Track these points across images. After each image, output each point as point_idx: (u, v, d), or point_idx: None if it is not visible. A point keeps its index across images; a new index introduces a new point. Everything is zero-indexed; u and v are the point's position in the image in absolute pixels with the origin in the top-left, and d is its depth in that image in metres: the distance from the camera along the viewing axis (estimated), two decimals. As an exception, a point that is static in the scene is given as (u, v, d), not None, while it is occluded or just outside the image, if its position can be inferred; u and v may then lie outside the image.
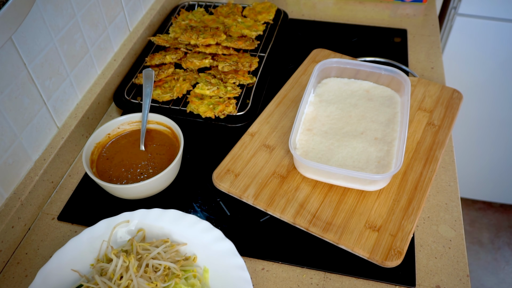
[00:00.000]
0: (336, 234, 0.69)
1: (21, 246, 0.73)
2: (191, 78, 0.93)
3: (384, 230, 0.69)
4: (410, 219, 0.70)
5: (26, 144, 0.75)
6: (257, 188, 0.75)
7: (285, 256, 0.70)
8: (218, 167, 0.79)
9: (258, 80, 0.94)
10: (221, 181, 0.77)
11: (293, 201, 0.73)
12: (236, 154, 0.81)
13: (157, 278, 0.61)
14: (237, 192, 0.75)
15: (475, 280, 1.75)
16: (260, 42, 1.04)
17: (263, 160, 0.80)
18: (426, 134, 0.83)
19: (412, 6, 1.22)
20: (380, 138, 0.79)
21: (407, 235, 0.68)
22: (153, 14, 1.10)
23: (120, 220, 0.68)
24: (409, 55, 1.06)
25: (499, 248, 1.85)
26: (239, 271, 0.63)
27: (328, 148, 0.78)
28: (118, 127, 0.83)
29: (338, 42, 1.10)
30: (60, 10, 0.79)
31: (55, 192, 0.81)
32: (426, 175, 0.76)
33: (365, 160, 0.76)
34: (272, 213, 0.73)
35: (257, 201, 0.74)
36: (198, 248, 0.67)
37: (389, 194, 0.74)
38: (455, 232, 0.72)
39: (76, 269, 0.64)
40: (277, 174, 0.77)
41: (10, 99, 0.70)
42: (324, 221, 0.70)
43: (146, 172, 0.77)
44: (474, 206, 1.99)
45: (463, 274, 0.67)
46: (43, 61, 0.76)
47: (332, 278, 0.68)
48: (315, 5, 1.24)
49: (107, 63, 0.97)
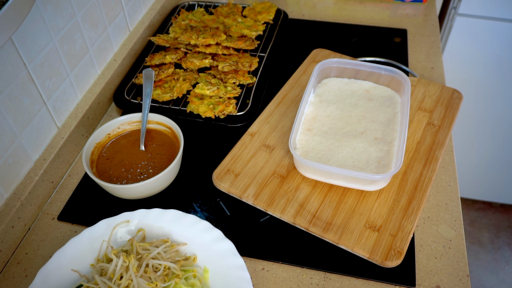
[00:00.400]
0: (336, 234, 0.69)
1: (21, 246, 0.73)
2: (191, 78, 0.93)
3: (384, 230, 0.69)
4: (410, 219, 0.70)
5: (26, 144, 0.75)
6: (257, 188, 0.75)
7: (285, 256, 0.70)
8: (218, 167, 0.79)
9: (258, 80, 0.94)
10: (221, 181, 0.77)
11: (293, 201, 0.73)
12: (236, 154, 0.81)
13: (157, 278, 0.61)
14: (237, 192, 0.75)
15: (475, 280, 1.75)
16: (260, 42, 1.04)
17: (263, 160, 0.80)
18: (426, 134, 0.83)
19: (412, 6, 1.22)
20: (380, 138, 0.79)
21: (407, 235, 0.68)
22: (153, 14, 1.10)
23: (120, 220, 0.68)
24: (409, 55, 1.06)
25: (499, 248, 1.85)
26: (239, 271, 0.63)
27: (328, 148, 0.78)
28: (118, 127, 0.83)
29: (338, 42, 1.10)
30: (60, 10, 0.79)
31: (55, 192, 0.81)
32: (426, 175, 0.76)
33: (365, 160, 0.76)
34: (272, 213, 0.73)
35: (257, 201, 0.74)
36: (198, 248, 0.67)
37: (389, 194, 0.74)
38: (455, 232, 0.72)
39: (76, 269, 0.64)
40: (277, 174, 0.77)
41: (10, 99, 0.70)
42: (324, 221, 0.71)
43: (146, 172, 0.77)
44: (474, 206, 1.99)
45: (463, 274, 0.67)
46: (43, 61, 0.76)
47: (332, 278, 0.68)
48: (315, 5, 1.24)
49: (107, 63, 0.97)
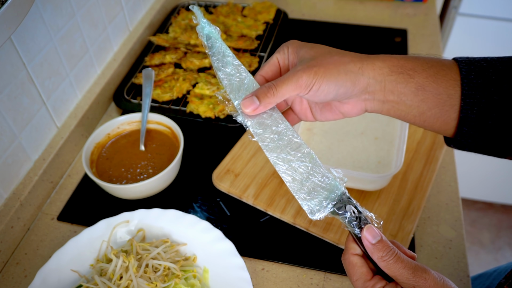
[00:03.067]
0: (336, 234, 0.69)
1: (21, 246, 0.73)
2: (191, 78, 0.93)
3: (385, 230, 0.69)
4: (410, 219, 0.70)
5: (25, 144, 0.75)
6: (257, 188, 0.75)
7: (285, 256, 0.70)
8: (218, 167, 0.79)
9: (258, 80, 0.94)
10: (221, 181, 0.77)
11: (293, 201, 0.73)
12: (236, 154, 0.81)
13: (157, 278, 0.61)
14: (237, 192, 0.75)
15: (476, 280, 1.75)
16: (260, 41, 1.04)
17: (263, 160, 0.80)
18: (426, 134, 0.83)
19: (412, 5, 1.22)
20: (381, 137, 0.79)
21: (407, 235, 0.68)
22: (153, 14, 1.10)
23: (120, 220, 0.68)
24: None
25: (499, 248, 1.85)
26: (239, 271, 0.62)
27: (328, 148, 0.78)
28: (118, 127, 0.83)
29: (338, 42, 1.10)
30: (60, 9, 0.79)
31: (55, 192, 0.80)
32: (427, 175, 0.76)
33: (365, 160, 0.76)
34: (272, 213, 0.73)
35: (257, 201, 0.74)
36: (198, 248, 0.67)
37: (390, 194, 0.74)
38: (455, 232, 0.72)
39: (76, 269, 0.64)
40: (277, 174, 0.77)
41: (9, 99, 0.70)
42: (324, 221, 0.70)
43: (146, 172, 0.77)
44: (474, 206, 1.99)
45: (464, 275, 0.67)
46: (43, 60, 0.76)
47: (332, 278, 0.67)
48: (315, 5, 1.24)
49: (107, 63, 0.97)
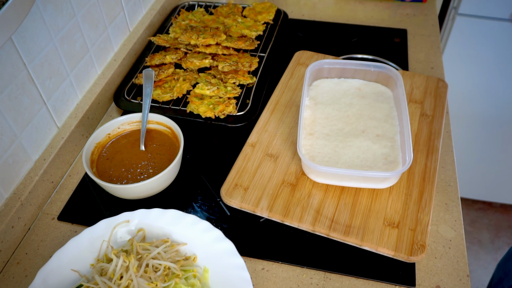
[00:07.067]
0: (358, 236, 0.68)
1: (21, 246, 0.73)
2: (191, 78, 0.93)
3: (403, 226, 0.69)
4: (425, 211, 0.70)
5: (26, 144, 0.75)
6: (269, 200, 0.73)
7: (285, 256, 0.70)
8: (225, 182, 0.76)
9: (258, 80, 0.94)
10: (231, 197, 0.74)
11: (309, 208, 0.71)
12: (240, 167, 0.78)
13: (157, 278, 0.61)
14: (250, 206, 0.72)
15: (475, 280, 1.75)
16: (260, 42, 1.04)
17: (269, 170, 0.77)
18: (422, 125, 0.83)
19: (412, 6, 1.22)
20: (382, 134, 0.79)
21: (426, 228, 0.68)
22: (153, 14, 1.10)
23: (120, 220, 0.68)
24: (409, 55, 1.06)
25: (499, 248, 1.85)
26: (239, 271, 0.63)
27: (334, 151, 0.78)
28: (118, 127, 0.83)
29: (338, 42, 1.10)
30: (60, 10, 0.79)
31: (55, 192, 0.81)
32: (431, 166, 0.77)
33: (372, 158, 0.76)
34: (290, 223, 0.71)
35: (272, 213, 0.71)
36: (198, 248, 0.67)
37: (400, 189, 0.74)
38: (455, 232, 0.72)
39: (76, 269, 0.64)
40: (286, 183, 0.75)
41: (10, 99, 0.70)
42: (343, 224, 0.69)
43: (146, 172, 0.77)
44: (474, 206, 1.99)
45: (463, 274, 0.67)
46: (43, 61, 0.76)
47: (332, 278, 0.68)
48: (315, 5, 1.24)
49: (107, 63, 0.97)
